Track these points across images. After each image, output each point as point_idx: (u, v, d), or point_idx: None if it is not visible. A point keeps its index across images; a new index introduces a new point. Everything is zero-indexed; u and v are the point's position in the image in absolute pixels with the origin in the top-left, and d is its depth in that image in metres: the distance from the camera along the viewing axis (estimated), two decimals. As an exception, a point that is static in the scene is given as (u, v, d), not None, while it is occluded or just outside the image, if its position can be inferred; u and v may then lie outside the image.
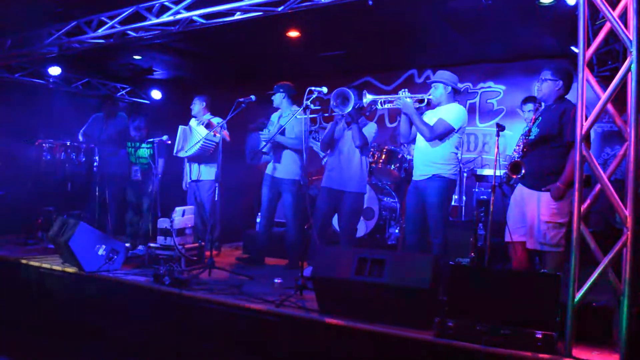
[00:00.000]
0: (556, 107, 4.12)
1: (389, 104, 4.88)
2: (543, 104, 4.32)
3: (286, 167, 5.77)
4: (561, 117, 4.02)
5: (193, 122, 6.35)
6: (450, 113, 4.66)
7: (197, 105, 6.44)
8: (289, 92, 5.92)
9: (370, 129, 5.28)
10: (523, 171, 4.16)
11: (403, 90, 4.83)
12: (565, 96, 4.17)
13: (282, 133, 5.75)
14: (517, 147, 4.72)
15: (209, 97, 6.56)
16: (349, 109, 4.92)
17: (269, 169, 5.93)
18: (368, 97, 4.84)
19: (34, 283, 5.62)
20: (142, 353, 4.60)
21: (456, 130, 4.64)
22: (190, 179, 6.43)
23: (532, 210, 4.16)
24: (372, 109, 5.15)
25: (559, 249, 4.02)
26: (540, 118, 4.26)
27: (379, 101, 4.88)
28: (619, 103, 3.14)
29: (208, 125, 6.04)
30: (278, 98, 5.91)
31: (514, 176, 4.23)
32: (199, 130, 6.14)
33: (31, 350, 5.00)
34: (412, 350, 3.44)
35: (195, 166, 6.39)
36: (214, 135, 6.01)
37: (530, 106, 5.65)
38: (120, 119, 7.14)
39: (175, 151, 6.29)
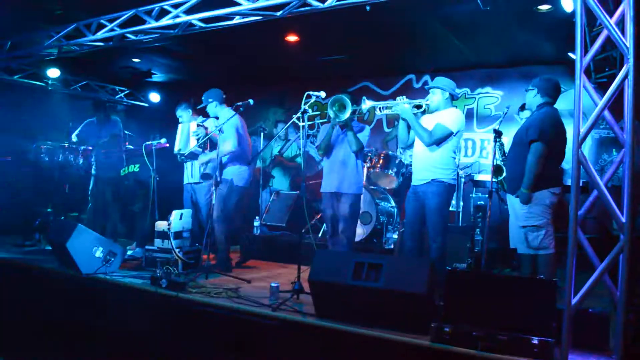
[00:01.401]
0: (536, 113, 4.22)
1: (388, 110, 4.91)
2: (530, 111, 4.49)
3: (228, 168, 5.83)
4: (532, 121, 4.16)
5: (193, 126, 6.31)
6: (448, 117, 4.68)
7: (185, 115, 6.40)
8: (219, 97, 5.96)
9: (365, 133, 5.30)
10: (504, 174, 4.30)
11: (401, 97, 4.86)
12: (554, 105, 4.25)
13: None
14: (499, 152, 4.90)
15: (189, 100, 6.49)
16: (346, 116, 4.94)
17: None
18: (367, 104, 4.86)
19: (31, 285, 5.62)
20: (138, 356, 4.59)
21: (454, 134, 4.66)
22: (190, 180, 6.37)
23: (512, 215, 4.25)
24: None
25: (546, 251, 4.06)
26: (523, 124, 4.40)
27: (378, 107, 4.91)
28: (617, 110, 3.16)
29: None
30: (212, 108, 5.94)
31: (497, 178, 4.36)
32: (191, 142, 6.16)
33: (27, 351, 4.99)
34: (408, 356, 3.43)
35: (196, 167, 6.31)
36: (203, 152, 6.03)
37: (527, 113, 5.72)
38: (114, 123, 7.16)
39: (176, 150, 6.29)
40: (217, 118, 5.94)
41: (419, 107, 4.83)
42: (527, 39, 6.38)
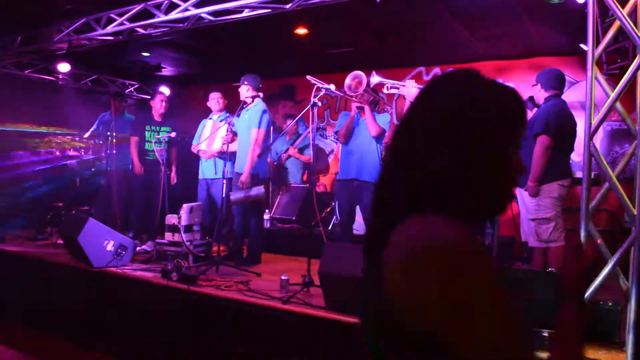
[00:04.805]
0: (543, 106, 4.21)
1: (395, 90, 4.88)
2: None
3: (240, 161, 5.77)
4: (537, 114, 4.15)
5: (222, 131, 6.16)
6: None
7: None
8: (255, 84, 5.78)
9: (384, 119, 5.26)
10: None
11: (410, 81, 4.85)
12: (561, 96, 4.23)
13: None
14: None
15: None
16: (360, 91, 4.93)
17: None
18: (376, 77, 4.85)
19: (43, 278, 5.67)
20: (149, 348, 4.63)
21: None
22: (214, 177, 6.33)
23: (522, 208, 4.25)
24: (386, 109, 5.18)
25: (556, 243, 4.04)
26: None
27: (386, 85, 4.89)
28: (629, 101, 3.13)
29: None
30: (243, 90, 5.78)
31: None
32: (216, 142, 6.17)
33: (39, 345, 5.05)
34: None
35: (219, 164, 6.25)
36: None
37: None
38: (127, 118, 7.17)
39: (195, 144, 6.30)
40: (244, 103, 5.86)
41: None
42: (538, 30, 6.32)
